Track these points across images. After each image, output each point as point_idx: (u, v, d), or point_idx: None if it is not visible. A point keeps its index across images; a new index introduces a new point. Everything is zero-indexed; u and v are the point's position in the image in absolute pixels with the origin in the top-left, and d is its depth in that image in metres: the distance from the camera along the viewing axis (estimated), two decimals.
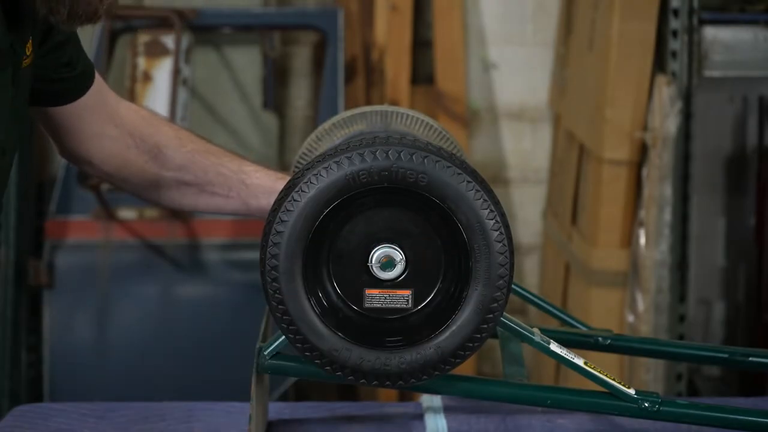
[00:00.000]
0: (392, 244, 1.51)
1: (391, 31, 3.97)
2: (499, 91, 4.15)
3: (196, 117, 3.81)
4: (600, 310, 3.29)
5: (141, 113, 1.76)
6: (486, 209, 1.48)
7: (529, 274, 4.15)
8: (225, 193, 1.74)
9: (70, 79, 1.64)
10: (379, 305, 1.52)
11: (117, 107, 1.73)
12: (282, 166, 4.04)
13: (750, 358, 1.83)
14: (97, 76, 1.70)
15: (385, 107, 1.87)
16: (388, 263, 1.51)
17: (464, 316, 1.51)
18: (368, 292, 1.52)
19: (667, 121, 3.11)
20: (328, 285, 1.52)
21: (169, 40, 3.61)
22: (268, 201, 1.67)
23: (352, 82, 3.95)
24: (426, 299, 1.53)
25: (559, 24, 3.98)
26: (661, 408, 1.60)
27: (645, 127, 3.17)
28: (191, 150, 1.74)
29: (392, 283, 1.52)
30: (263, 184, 1.73)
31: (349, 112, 1.86)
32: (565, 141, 3.78)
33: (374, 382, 1.53)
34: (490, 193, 1.49)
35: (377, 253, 1.51)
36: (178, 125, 1.81)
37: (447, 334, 1.52)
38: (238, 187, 1.74)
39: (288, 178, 1.62)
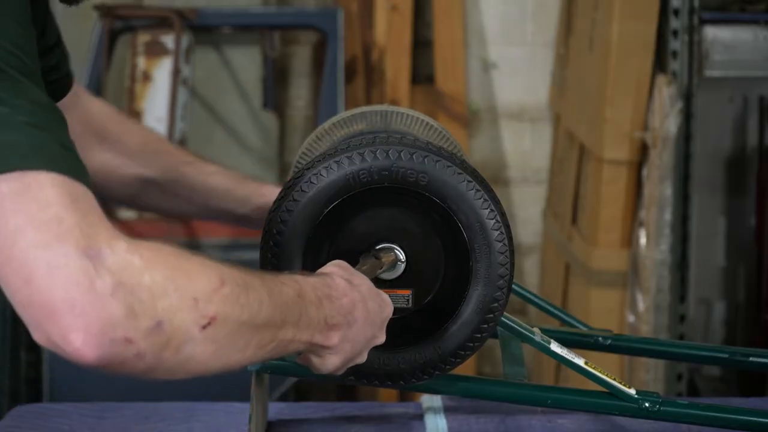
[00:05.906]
0: (392, 244, 1.51)
1: (391, 31, 3.97)
2: (499, 91, 4.15)
3: (196, 117, 3.80)
4: (600, 310, 3.28)
5: (106, 110, 1.76)
6: (486, 209, 1.47)
7: (529, 274, 4.15)
8: (187, 195, 1.75)
9: (57, 81, 1.62)
10: None
11: (90, 105, 1.73)
12: (282, 166, 4.04)
13: (750, 358, 1.83)
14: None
15: (385, 107, 1.87)
16: None
17: (464, 316, 1.50)
18: None
19: (667, 121, 3.11)
20: None
21: (169, 40, 3.61)
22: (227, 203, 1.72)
23: (352, 82, 3.95)
24: (426, 299, 1.52)
25: (559, 24, 3.98)
26: (662, 408, 1.60)
27: (645, 127, 3.17)
28: (155, 150, 1.75)
29: (392, 283, 1.51)
30: (222, 186, 1.75)
31: (349, 112, 1.86)
32: (565, 141, 3.78)
33: (374, 382, 1.53)
34: (490, 192, 1.48)
35: None
36: (150, 130, 1.82)
37: (447, 334, 1.51)
38: (201, 187, 1.76)
39: (250, 181, 1.65)
